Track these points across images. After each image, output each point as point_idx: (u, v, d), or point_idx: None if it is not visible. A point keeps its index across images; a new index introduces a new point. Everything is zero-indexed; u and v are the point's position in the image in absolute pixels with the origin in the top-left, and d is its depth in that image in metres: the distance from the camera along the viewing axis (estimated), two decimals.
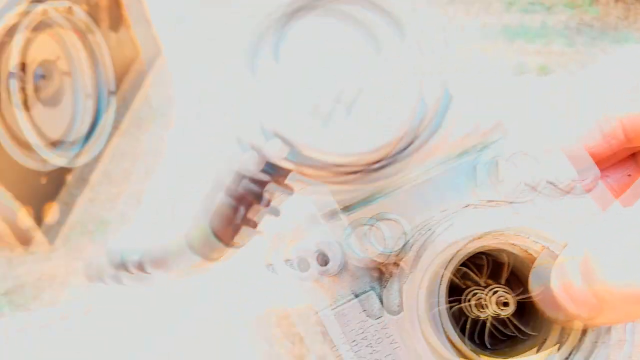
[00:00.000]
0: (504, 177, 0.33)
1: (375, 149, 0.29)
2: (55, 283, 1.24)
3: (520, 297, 0.34)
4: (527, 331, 0.35)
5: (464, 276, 0.36)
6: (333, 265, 0.33)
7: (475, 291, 0.35)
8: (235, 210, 0.30)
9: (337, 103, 0.28)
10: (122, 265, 0.34)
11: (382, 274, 0.34)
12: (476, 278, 0.36)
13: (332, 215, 0.35)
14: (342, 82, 0.29)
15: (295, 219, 0.36)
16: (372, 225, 0.33)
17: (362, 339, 0.33)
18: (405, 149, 0.30)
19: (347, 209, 0.34)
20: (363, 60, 0.29)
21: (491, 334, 0.35)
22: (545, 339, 0.33)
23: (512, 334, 0.35)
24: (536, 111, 0.35)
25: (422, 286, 0.31)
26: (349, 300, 0.33)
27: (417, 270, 0.31)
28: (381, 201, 0.34)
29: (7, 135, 0.94)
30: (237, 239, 0.31)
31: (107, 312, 1.20)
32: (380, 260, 0.33)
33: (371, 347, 0.33)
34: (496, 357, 0.34)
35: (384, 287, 0.34)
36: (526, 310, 0.35)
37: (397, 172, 0.31)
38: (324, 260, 0.33)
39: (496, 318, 0.35)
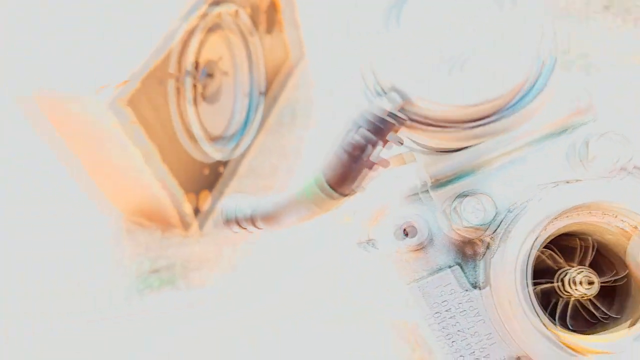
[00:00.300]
0: (594, 156, 0.32)
1: (485, 101, 0.29)
2: (203, 266, 1.33)
3: (606, 278, 0.34)
4: (609, 314, 0.35)
5: (550, 257, 0.36)
6: (420, 239, 0.34)
7: (562, 271, 0.35)
8: (350, 158, 0.31)
9: (454, 58, 0.29)
10: (235, 221, 0.36)
11: (467, 249, 0.34)
12: (560, 260, 0.36)
13: (422, 189, 0.36)
14: (458, 39, 0.30)
15: (384, 196, 0.37)
16: (463, 199, 0.33)
17: (446, 310, 0.33)
18: (508, 107, 0.30)
19: (437, 183, 0.35)
20: (481, 17, 0.30)
21: (573, 316, 0.35)
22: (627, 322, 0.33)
23: (594, 316, 0.35)
24: None
25: (509, 261, 0.32)
26: (435, 273, 0.34)
27: (505, 245, 0.32)
28: (471, 178, 0.34)
29: (182, 128, 1.03)
30: (348, 188, 0.32)
31: (247, 300, 1.27)
32: (468, 235, 0.33)
33: (454, 318, 0.33)
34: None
35: (470, 262, 0.34)
36: (609, 295, 0.35)
37: (495, 131, 0.31)
38: (411, 234, 0.34)
39: (579, 300, 0.35)
